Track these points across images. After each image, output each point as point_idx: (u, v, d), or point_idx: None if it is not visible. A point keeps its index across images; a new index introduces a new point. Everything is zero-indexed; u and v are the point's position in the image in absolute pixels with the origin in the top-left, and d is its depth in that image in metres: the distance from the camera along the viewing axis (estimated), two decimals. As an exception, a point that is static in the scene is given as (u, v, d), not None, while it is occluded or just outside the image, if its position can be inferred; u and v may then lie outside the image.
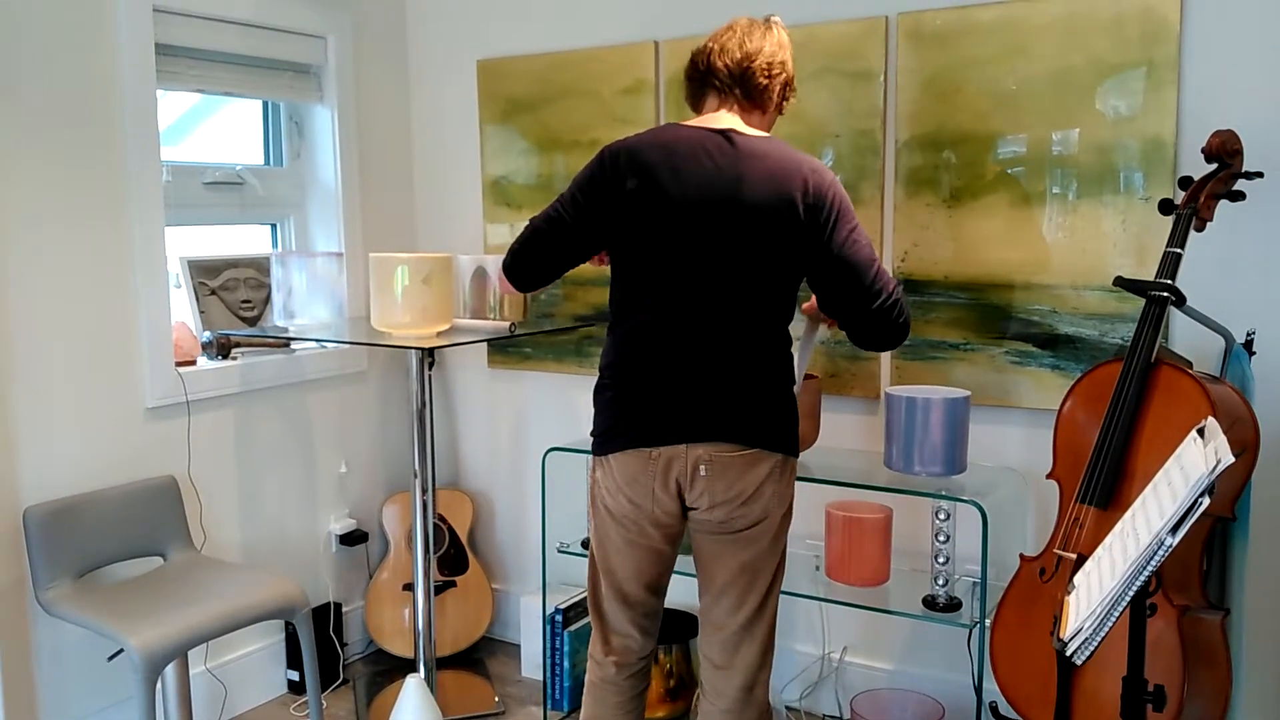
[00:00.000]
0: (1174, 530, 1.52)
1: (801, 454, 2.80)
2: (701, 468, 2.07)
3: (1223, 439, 1.57)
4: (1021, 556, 2.36)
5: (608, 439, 2.14)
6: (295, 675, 3.26)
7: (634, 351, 2.10)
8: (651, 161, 2.05)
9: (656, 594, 2.25)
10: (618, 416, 2.12)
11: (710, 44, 2.15)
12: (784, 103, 2.20)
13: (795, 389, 2.21)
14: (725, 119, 2.11)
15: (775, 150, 2.06)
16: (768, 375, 2.10)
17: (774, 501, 2.13)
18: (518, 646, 3.51)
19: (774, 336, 2.11)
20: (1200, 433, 1.66)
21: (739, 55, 2.10)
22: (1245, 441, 2.11)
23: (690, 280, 2.05)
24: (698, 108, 2.19)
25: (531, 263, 2.18)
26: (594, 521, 2.22)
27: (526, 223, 2.19)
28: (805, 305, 2.35)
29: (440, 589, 3.40)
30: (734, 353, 2.07)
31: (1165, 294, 2.22)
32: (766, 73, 2.12)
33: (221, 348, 3.05)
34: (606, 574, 2.22)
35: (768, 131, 2.16)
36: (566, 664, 3.15)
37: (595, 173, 2.09)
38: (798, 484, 2.99)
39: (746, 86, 2.12)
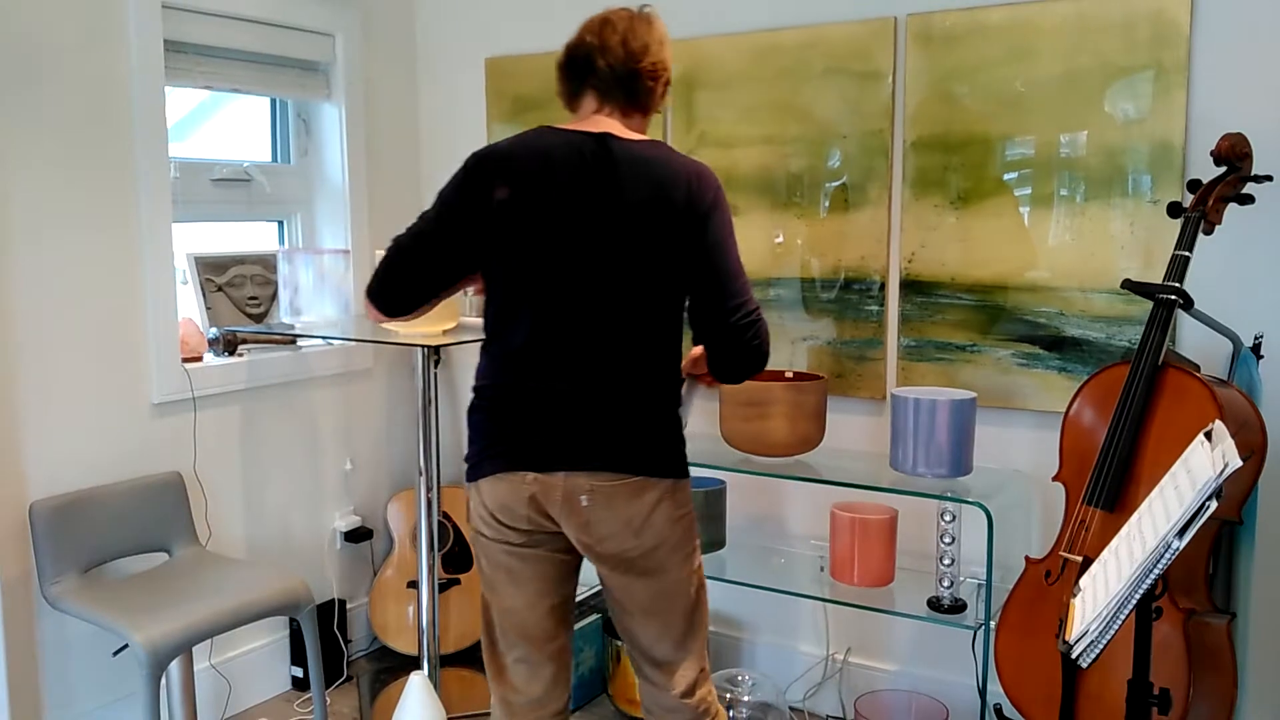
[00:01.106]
0: (1181, 533, 1.52)
1: (807, 454, 2.81)
2: (583, 498, 1.91)
3: (1230, 442, 1.56)
4: (1027, 559, 2.35)
5: (479, 463, 1.97)
6: (299, 672, 3.26)
7: (509, 372, 1.93)
8: (523, 170, 1.89)
9: (564, 624, 2.07)
10: (489, 439, 1.95)
11: (589, 39, 1.97)
12: (661, 101, 2.04)
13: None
14: (603, 123, 1.96)
15: (657, 154, 1.92)
16: (653, 397, 1.94)
17: (666, 527, 1.95)
18: (521, 645, 3.51)
19: (659, 354, 1.95)
20: (1208, 436, 1.66)
21: (622, 55, 1.94)
22: (1253, 445, 2.11)
23: (569, 295, 1.89)
24: (573, 106, 2.03)
25: (398, 284, 1.95)
26: (478, 558, 2.05)
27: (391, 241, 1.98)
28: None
29: (444, 586, 3.40)
30: (617, 373, 1.91)
31: (1173, 297, 2.22)
32: (652, 75, 1.97)
33: (228, 344, 3.06)
34: (503, 614, 2.04)
35: (644, 132, 2.02)
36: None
37: (461, 182, 1.92)
38: (803, 484, 3.01)
39: (631, 89, 1.96)
